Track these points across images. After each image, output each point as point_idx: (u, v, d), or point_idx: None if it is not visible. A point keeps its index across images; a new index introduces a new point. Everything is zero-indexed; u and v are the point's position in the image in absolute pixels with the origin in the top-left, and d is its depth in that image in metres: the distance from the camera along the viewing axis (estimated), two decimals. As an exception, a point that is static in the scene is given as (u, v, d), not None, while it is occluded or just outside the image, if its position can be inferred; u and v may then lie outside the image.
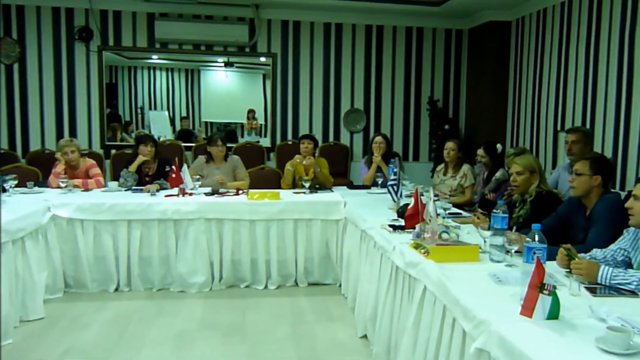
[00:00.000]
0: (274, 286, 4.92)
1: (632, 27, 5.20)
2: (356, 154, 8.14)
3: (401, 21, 8.02)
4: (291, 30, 7.89)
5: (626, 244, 2.85)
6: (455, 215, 4.22)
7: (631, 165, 5.22)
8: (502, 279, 2.59)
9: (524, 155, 4.27)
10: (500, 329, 2.00)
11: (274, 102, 7.98)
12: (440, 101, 8.24)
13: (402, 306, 3.09)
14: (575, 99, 6.09)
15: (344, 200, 4.98)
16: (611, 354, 1.78)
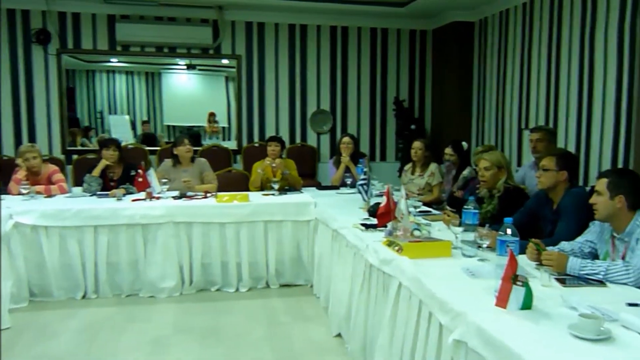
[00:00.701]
0: (246, 289, 4.93)
1: (592, 27, 5.40)
2: (324, 155, 8.20)
3: (366, 22, 8.12)
4: (255, 32, 7.90)
5: (592, 236, 2.98)
6: (425, 213, 4.31)
7: (593, 162, 5.40)
8: (475, 273, 2.67)
9: (492, 151, 4.39)
10: (477, 320, 2.07)
11: (240, 104, 7.98)
12: (406, 101, 8.37)
13: (377, 303, 3.15)
14: (539, 98, 6.28)
15: (314, 201, 5.03)
16: (584, 339, 1.87)
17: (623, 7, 5.00)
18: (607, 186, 2.74)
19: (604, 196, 2.75)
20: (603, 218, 2.81)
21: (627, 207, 2.72)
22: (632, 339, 1.88)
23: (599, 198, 2.77)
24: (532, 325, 2.02)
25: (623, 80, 5.00)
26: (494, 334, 1.95)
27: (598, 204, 2.78)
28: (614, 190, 2.73)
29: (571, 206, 3.34)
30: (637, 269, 2.51)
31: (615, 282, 2.51)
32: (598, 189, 2.78)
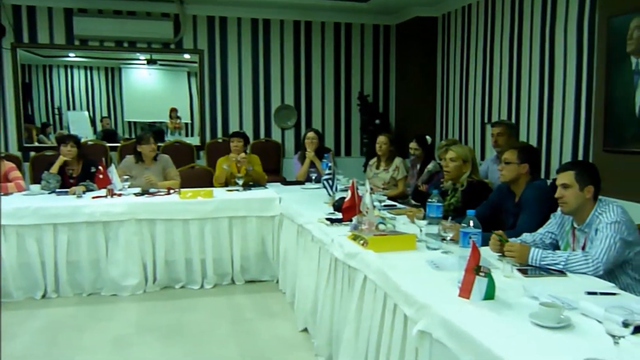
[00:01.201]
0: (210, 285, 4.90)
1: (552, 23, 5.51)
2: (288, 150, 8.19)
3: (329, 17, 8.13)
4: (218, 27, 7.84)
5: (553, 227, 3.05)
6: (390, 207, 4.34)
7: (555, 155, 5.53)
8: (439, 265, 2.71)
9: (460, 144, 4.46)
10: (441, 311, 2.10)
11: (202, 99, 7.91)
12: (371, 96, 8.42)
13: (343, 297, 3.17)
14: (501, 93, 6.39)
15: (279, 197, 5.03)
16: (544, 327, 1.92)
17: (582, 3, 5.12)
18: (576, 178, 2.79)
19: (574, 188, 2.78)
20: (572, 210, 2.84)
21: (592, 197, 2.79)
22: (590, 326, 1.93)
23: (568, 191, 2.79)
24: (494, 315, 2.06)
25: (582, 74, 5.13)
26: (458, 324, 1.99)
27: (567, 196, 2.80)
28: (582, 182, 2.78)
29: (532, 198, 3.41)
30: (596, 259, 2.58)
31: (575, 272, 2.58)
32: (565, 181, 2.80)
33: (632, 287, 2.67)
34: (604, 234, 2.64)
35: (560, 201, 2.85)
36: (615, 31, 4.32)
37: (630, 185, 4.17)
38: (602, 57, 4.52)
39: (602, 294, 2.27)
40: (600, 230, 2.68)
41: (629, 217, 2.74)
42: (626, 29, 4.19)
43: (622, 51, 4.24)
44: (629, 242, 2.66)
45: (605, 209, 2.75)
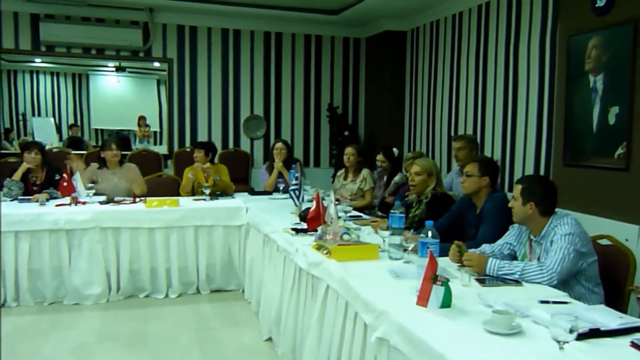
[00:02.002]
0: (175, 294, 4.90)
1: (516, 40, 5.69)
2: (257, 160, 8.23)
3: (300, 29, 8.22)
4: (188, 36, 7.87)
5: (512, 238, 3.17)
6: (356, 218, 4.42)
7: (518, 168, 5.69)
8: (400, 274, 2.79)
9: (424, 158, 4.58)
10: (399, 319, 2.18)
11: (171, 108, 7.92)
12: (340, 108, 8.52)
13: (306, 305, 3.23)
14: (467, 107, 6.55)
15: (245, 206, 5.07)
16: (496, 334, 2.01)
17: (544, 22, 5.30)
18: (521, 192, 2.94)
19: (518, 201, 2.95)
20: (518, 221, 3.02)
21: (538, 213, 2.92)
22: (540, 333, 2.02)
23: (515, 203, 2.97)
24: (450, 322, 2.14)
25: (544, 91, 5.30)
26: (414, 331, 2.07)
27: (514, 208, 2.98)
28: (526, 197, 2.92)
29: (492, 210, 3.53)
30: (550, 269, 2.69)
31: (530, 282, 2.68)
32: (514, 194, 2.98)
33: (585, 296, 2.78)
34: (558, 246, 2.75)
35: (512, 211, 3.00)
36: (574, 50, 4.49)
37: (587, 199, 4.32)
38: (562, 75, 4.68)
39: (555, 303, 2.37)
40: (555, 242, 2.79)
41: (582, 229, 2.86)
42: (585, 48, 4.35)
43: (581, 69, 4.40)
44: (583, 253, 2.78)
45: (560, 222, 2.87)
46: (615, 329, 2.04)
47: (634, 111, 3.96)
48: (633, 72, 3.96)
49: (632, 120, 3.98)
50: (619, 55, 4.08)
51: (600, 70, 4.24)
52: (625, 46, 4.02)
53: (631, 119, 3.98)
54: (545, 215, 2.92)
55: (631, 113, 3.98)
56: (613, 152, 4.12)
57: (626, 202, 4.03)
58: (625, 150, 4.02)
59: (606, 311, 2.25)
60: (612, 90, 4.15)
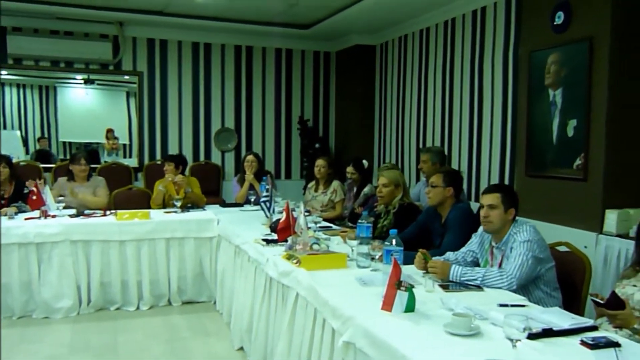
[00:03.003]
0: (147, 307, 4.94)
1: (481, 55, 5.90)
2: (228, 172, 8.30)
3: (270, 42, 8.35)
4: (158, 49, 7.93)
5: (474, 246, 3.32)
6: (326, 228, 4.54)
7: (483, 178, 5.88)
8: (367, 282, 2.91)
9: (390, 169, 4.72)
10: (364, 323, 2.30)
11: (141, 121, 7.95)
12: (311, 120, 8.66)
13: (277, 314, 3.32)
14: (435, 119, 6.74)
15: (216, 218, 5.14)
16: (456, 335, 2.14)
17: (507, 37, 5.52)
18: (502, 200, 3.06)
19: (499, 209, 3.05)
20: (494, 229, 3.10)
21: (512, 220, 3.07)
22: (497, 334, 2.14)
23: (494, 211, 3.06)
24: (413, 326, 2.27)
25: (508, 104, 5.51)
26: (379, 334, 2.18)
27: (492, 216, 3.06)
28: (507, 204, 3.06)
29: (456, 220, 3.69)
30: (510, 275, 2.84)
31: (491, 287, 2.83)
32: (492, 202, 3.07)
33: (544, 300, 2.93)
34: (517, 252, 2.91)
35: (485, 220, 3.10)
36: (535, 65, 4.69)
37: (549, 207, 4.51)
38: (524, 89, 4.88)
39: (513, 306, 2.51)
40: (514, 249, 2.95)
41: (540, 236, 3.02)
42: (544, 63, 4.56)
43: (541, 83, 4.60)
44: (541, 259, 2.93)
45: (520, 229, 3.02)
46: (567, 328, 2.19)
47: (591, 124, 4.16)
48: (589, 86, 4.16)
49: (589, 133, 4.18)
50: (576, 70, 4.28)
51: (559, 85, 4.44)
52: (581, 62, 4.23)
53: (588, 131, 4.18)
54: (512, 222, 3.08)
55: (588, 125, 4.18)
56: (572, 162, 4.32)
57: (584, 211, 4.22)
58: (583, 161, 4.22)
59: (560, 313, 2.40)
60: (570, 104, 4.35)
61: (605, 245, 3.99)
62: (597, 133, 4.12)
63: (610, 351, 1.99)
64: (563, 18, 4.39)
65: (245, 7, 6.87)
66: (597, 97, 4.11)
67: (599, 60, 4.10)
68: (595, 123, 4.14)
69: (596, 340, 2.06)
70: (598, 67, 4.10)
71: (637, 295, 2.54)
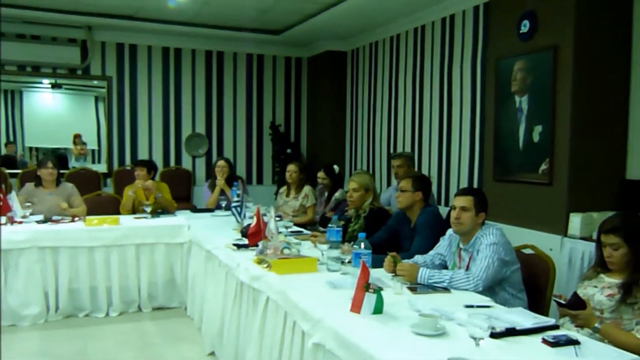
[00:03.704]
0: (116, 313, 4.92)
1: (450, 62, 6.03)
2: (199, 178, 8.30)
3: (241, 48, 8.38)
4: (127, 54, 7.90)
5: (442, 249, 3.40)
6: (297, 233, 4.58)
7: (453, 183, 6.00)
8: (337, 285, 2.96)
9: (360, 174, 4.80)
10: (333, 325, 2.36)
11: (110, 126, 7.91)
12: (282, 126, 8.70)
13: (248, 318, 3.36)
14: (405, 125, 6.85)
15: (187, 224, 5.15)
16: (423, 335, 2.21)
17: (475, 45, 5.66)
18: (474, 203, 3.14)
19: (471, 212, 3.13)
20: (464, 231, 3.18)
21: (482, 223, 3.16)
22: (462, 333, 2.21)
23: (466, 213, 3.14)
24: (381, 327, 2.33)
25: (476, 110, 5.64)
26: (348, 335, 2.24)
27: (463, 218, 3.14)
28: (478, 208, 3.14)
29: (425, 224, 3.78)
30: (476, 277, 2.92)
31: (458, 289, 2.91)
32: (465, 205, 3.15)
33: (510, 302, 3.02)
34: (483, 255, 3.00)
35: (456, 221, 3.17)
36: (502, 72, 4.82)
37: (516, 211, 4.63)
38: (491, 95, 5.01)
39: (479, 307, 2.59)
40: (480, 251, 3.03)
41: (506, 239, 3.11)
42: (511, 70, 4.69)
43: (508, 90, 4.73)
44: (506, 262, 3.03)
45: (487, 232, 3.11)
46: (529, 327, 2.27)
47: (556, 129, 4.30)
48: (554, 93, 4.30)
49: (554, 138, 4.31)
50: (542, 77, 4.42)
51: (525, 92, 4.58)
52: (546, 69, 4.37)
53: (553, 136, 4.31)
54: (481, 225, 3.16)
55: (553, 131, 4.31)
56: (537, 167, 4.45)
57: (550, 214, 4.35)
58: (549, 166, 4.35)
59: (523, 313, 2.49)
60: (536, 110, 4.48)
61: (570, 248, 4.12)
62: (562, 139, 4.25)
63: (570, 348, 2.08)
64: (529, 27, 4.52)
65: (216, 12, 6.90)
66: (561, 104, 4.25)
67: (563, 68, 4.24)
68: (559, 129, 4.27)
69: (557, 338, 2.15)
70: (562, 74, 4.24)
71: (597, 296, 2.63)
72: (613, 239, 2.61)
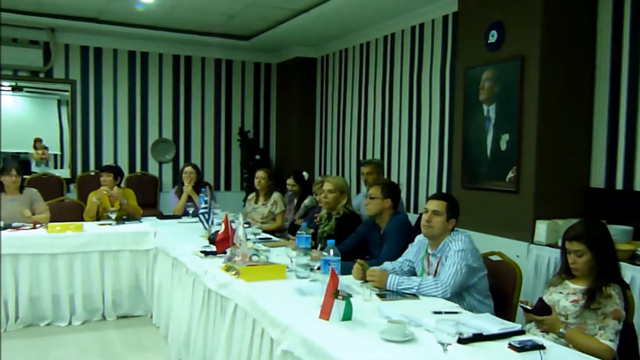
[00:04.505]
0: (79, 322, 4.85)
1: (419, 70, 6.13)
2: (166, 184, 8.24)
3: (210, 53, 8.37)
4: (92, 57, 7.83)
5: (411, 255, 3.45)
6: (266, 240, 4.59)
7: (422, 190, 6.08)
8: (305, 292, 2.98)
9: (336, 176, 4.86)
10: (302, 332, 2.37)
11: (74, 130, 7.82)
12: (251, 132, 8.71)
13: (215, 325, 3.36)
14: (375, 132, 6.92)
15: (153, 230, 5.11)
16: (392, 342, 2.24)
17: (444, 54, 5.76)
18: (446, 209, 3.20)
19: (442, 217, 3.19)
20: (433, 235, 3.23)
21: (451, 229, 3.22)
22: (430, 339, 2.24)
23: (437, 218, 3.19)
24: (350, 333, 2.35)
25: (445, 119, 5.74)
26: (316, 342, 2.26)
27: (434, 222, 3.19)
28: (450, 214, 3.20)
29: (394, 230, 3.83)
30: (444, 284, 2.97)
31: (426, 295, 2.95)
32: (437, 209, 3.20)
33: (477, 307, 3.08)
34: (452, 261, 3.05)
35: (427, 224, 3.22)
36: (470, 81, 4.91)
37: (484, 219, 4.70)
38: (459, 104, 5.09)
39: (447, 313, 2.64)
40: (449, 257, 3.09)
41: (474, 246, 3.17)
42: (479, 79, 4.78)
43: (476, 99, 4.82)
44: (474, 268, 3.09)
45: (455, 238, 3.17)
46: (496, 333, 2.32)
47: (522, 138, 4.39)
48: (521, 102, 4.39)
49: (520, 147, 4.40)
50: (509, 87, 4.51)
51: (492, 101, 4.67)
52: (513, 79, 4.46)
53: (520, 145, 4.41)
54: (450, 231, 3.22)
55: (520, 140, 4.40)
56: (505, 175, 4.53)
57: (517, 222, 4.44)
58: (515, 174, 4.44)
59: (490, 318, 2.55)
60: (503, 119, 4.57)
61: (536, 254, 4.21)
62: (528, 147, 4.35)
63: (536, 353, 2.14)
64: (496, 37, 4.62)
65: (184, 17, 6.89)
66: (528, 113, 4.35)
67: (529, 77, 4.34)
68: (526, 138, 4.36)
69: (523, 343, 2.21)
70: (529, 84, 4.34)
71: (562, 301, 2.70)
72: (577, 245, 2.69)
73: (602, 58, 4.39)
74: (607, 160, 4.34)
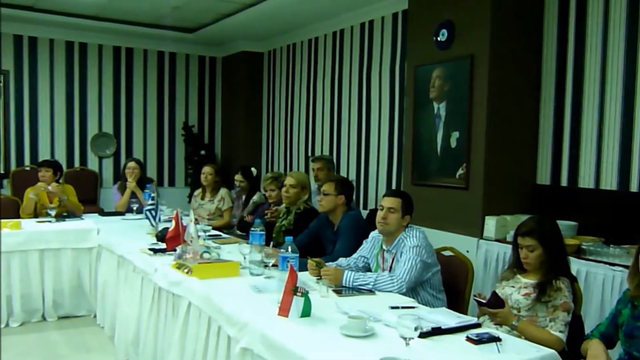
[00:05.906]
0: (17, 323, 4.69)
1: (369, 67, 6.21)
2: (106, 179, 8.05)
3: (152, 45, 8.23)
4: (27, 47, 7.57)
5: (365, 252, 3.51)
6: (215, 237, 4.56)
7: (372, 187, 6.16)
8: (261, 289, 2.98)
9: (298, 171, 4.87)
10: (261, 329, 2.38)
11: (7, 123, 7.54)
12: (196, 127, 8.61)
13: (167, 324, 3.31)
14: (323, 128, 6.96)
15: (96, 228, 5.00)
16: (352, 337, 2.27)
17: (394, 52, 5.85)
18: (401, 206, 3.27)
19: (397, 214, 3.25)
20: (389, 231, 3.29)
21: (405, 225, 3.28)
22: (390, 334, 2.30)
23: (392, 215, 3.25)
24: (310, 329, 2.38)
25: (395, 116, 5.83)
26: (276, 339, 2.27)
27: (389, 219, 3.25)
28: (404, 210, 3.27)
29: (348, 227, 3.87)
30: (400, 279, 3.03)
31: (382, 290, 3.01)
32: (392, 206, 3.26)
33: (431, 302, 3.16)
34: (406, 257, 3.12)
35: (382, 221, 3.28)
36: (420, 79, 5.00)
37: (434, 215, 4.81)
38: (410, 102, 5.18)
39: (403, 308, 2.69)
40: (404, 253, 3.15)
41: (428, 242, 3.26)
42: (429, 77, 4.87)
43: (426, 97, 4.91)
44: (428, 264, 3.17)
45: (410, 234, 3.24)
46: (454, 326, 2.39)
47: (472, 136, 4.51)
48: (470, 100, 4.51)
49: (470, 144, 4.53)
50: (458, 85, 4.62)
51: (442, 99, 4.77)
52: (463, 77, 4.58)
53: (469, 142, 4.53)
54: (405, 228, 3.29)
55: (469, 137, 4.52)
56: (455, 172, 4.65)
57: (466, 217, 4.56)
58: (465, 171, 4.56)
59: (446, 313, 2.62)
60: (453, 117, 4.69)
61: (485, 249, 4.34)
62: (477, 144, 4.47)
63: (492, 345, 2.22)
64: (446, 36, 4.72)
65: (126, 7, 6.74)
66: (477, 111, 4.47)
67: (478, 76, 4.46)
68: (475, 135, 4.49)
69: (480, 336, 2.28)
70: (478, 82, 4.46)
71: (514, 295, 2.80)
72: (529, 241, 2.79)
73: (548, 58, 4.55)
74: (553, 158, 4.51)
